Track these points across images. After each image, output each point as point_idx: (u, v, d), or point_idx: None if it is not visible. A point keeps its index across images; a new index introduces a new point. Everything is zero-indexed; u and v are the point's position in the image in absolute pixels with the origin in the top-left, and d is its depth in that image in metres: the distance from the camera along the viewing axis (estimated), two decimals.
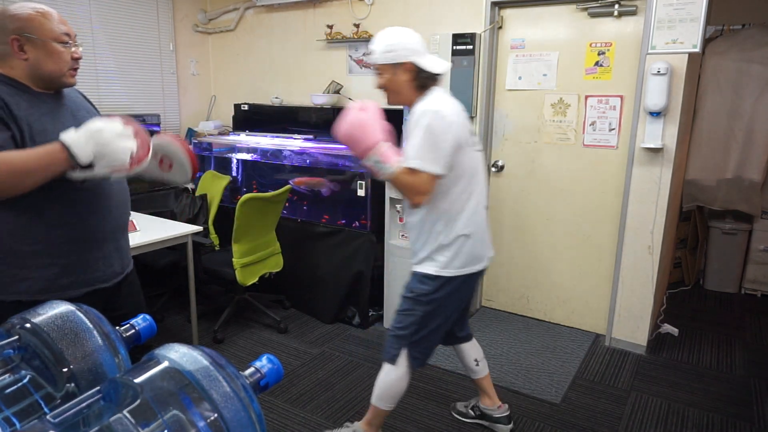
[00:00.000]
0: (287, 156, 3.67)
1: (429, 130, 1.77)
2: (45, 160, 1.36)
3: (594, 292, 3.36)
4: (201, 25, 4.71)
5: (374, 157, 1.77)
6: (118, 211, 1.67)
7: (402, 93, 1.90)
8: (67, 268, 1.54)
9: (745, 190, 3.74)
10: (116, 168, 1.39)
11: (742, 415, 2.56)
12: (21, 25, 1.44)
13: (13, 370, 0.67)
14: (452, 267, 1.93)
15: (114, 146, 1.36)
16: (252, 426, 0.56)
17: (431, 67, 1.87)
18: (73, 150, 1.35)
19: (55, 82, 1.54)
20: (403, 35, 1.87)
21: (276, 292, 3.74)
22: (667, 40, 2.81)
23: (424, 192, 1.79)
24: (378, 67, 1.90)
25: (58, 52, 1.49)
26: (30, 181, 1.38)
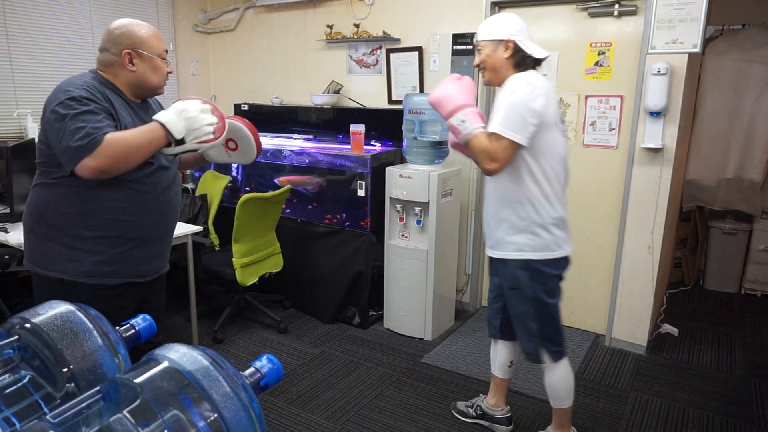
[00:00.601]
0: (287, 156, 3.67)
1: (516, 99, 1.79)
2: (148, 136, 1.54)
3: (594, 292, 3.36)
4: (201, 25, 4.71)
5: (460, 116, 1.81)
6: (171, 218, 1.84)
7: (499, 70, 1.93)
8: (114, 258, 1.67)
9: (745, 190, 3.74)
10: (203, 140, 1.57)
11: (742, 415, 2.56)
12: (135, 42, 1.66)
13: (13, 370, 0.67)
14: (545, 250, 1.94)
15: (199, 120, 1.55)
16: (252, 426, 0.56)
17: (532, 51, 1.91)
18: (169, 127, 1.53)
19: (152, 93, 1.76)
20: (510, 18, 1.95)
21: (276, 292, 3.74)
22: (667, 40, 2.81)
23: (499, 159, 1.79)
24: (479, 44, 1.96)
25: (160, 67, 1.71)
26: (137, 155, 1.55)
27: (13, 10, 3.50)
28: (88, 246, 1.64)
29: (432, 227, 3.15)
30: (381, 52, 3.81)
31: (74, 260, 1.64)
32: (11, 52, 3.52)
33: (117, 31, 1.67)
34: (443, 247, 3.25)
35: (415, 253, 3.21)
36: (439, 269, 3.24)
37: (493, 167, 1.80)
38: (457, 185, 3.33)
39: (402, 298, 3.31)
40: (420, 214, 3.17)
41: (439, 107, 1.89)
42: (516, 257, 1.97)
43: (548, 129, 1.85)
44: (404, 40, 3.71)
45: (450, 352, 3.15)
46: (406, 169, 3.18)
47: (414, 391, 2.73)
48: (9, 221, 2.88)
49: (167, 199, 1.77)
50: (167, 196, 1.77)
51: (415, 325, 3.30)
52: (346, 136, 3.58)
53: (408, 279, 3.26)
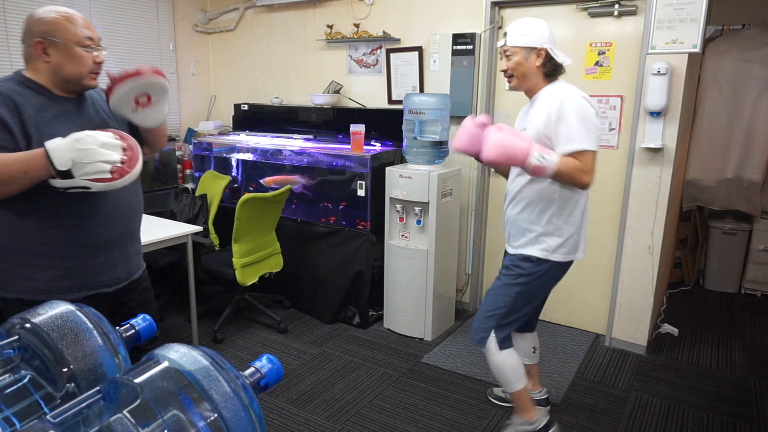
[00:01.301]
0: (287, 156, 3.67)
1: (580, 113, 1.83)
2: (25, 164, 1.37)
3: (594, 292, 3.36)
4: (201, 25, 4.71)
5: (536, 155, 1.80)
6: (126, 217, 1.66)
7: (529, 78, 1.95)
8: (70, 271, 1.55)
9: (745, 190, 3.74)
10: (95, 179, 1.37)
11: (742, 415, 2.56)
12: (46, 29, 1.47)
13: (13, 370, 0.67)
14: (559, 253, 1.98)
15: (93, 154, 1.34)
16: (252, 426, 0.56)
17: (561, 58, 1.94)
18: (51, 155, 1.34)
19: (75, 85, 1.56)
20: (540, 23, 1.96)
21: (276, 292, 3.74)
22: (667, 40, 2.81)
23: (590, 170, 1.84)
24: (510, 50, 1.95)
25: (80, 56, 1.51)
26: (12, 184, 1.39)
27: (13, 10, 3.50)
28: (40, 261, 1.52)
29: (432, 227, 3.15)
30: (381, 52, 3.81)
31: (30, 278, 1.52)
32: (11, 51, 3.53)
33: (31, 19, 1.49)
34: (443, 247, 3.25)
35: (415, 253, 3.21)
36: (439, 269, 3.24)
37: (588, 179, 1.84)
38: (457, 185, 3.33)
39: (402, 298, 3.31)
40: (420, 214, 3.17)
41: (508, 160, 1.82)
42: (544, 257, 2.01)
43: None
44: (404, 40, 3.70)
45: (450, 352, 3.15)
46: (406, 169, 3.18)
47: (414, 391, 2.73)
48: None
49: (116, 199, 1.60)
50: (117, 195, 1.59)
51: (415, 325, 3.30)
52: (346, 136, 3.58)
53: (408, 279, 3.26)
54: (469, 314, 3.68)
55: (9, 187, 1.40)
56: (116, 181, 1.39)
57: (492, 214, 3.64)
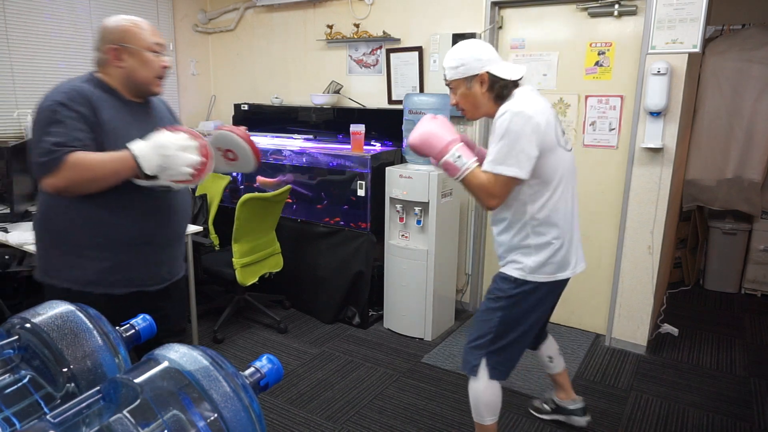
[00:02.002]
0: (287, 156, 3.67)
1: (510, 131, 1.68)
2: (116, 165, 1.47)
3: (594, 292, 3.36)
4: (201, 25, 4.71)
5: (454, 152, 1.74)
6: (178, 222, 1.76)
7: (480, 105, 1.83)
8: (118, 265, 1.63)
9: (745, 190, 3.74)
10: (178, 180, 1.48)
11: (742, 415, 2.56)
12: (119, 36, 1.58)
13: (13, 370, 0.68)
14: (539, 273, 1.84)
15: (177, 159, 1.44)
16: (252, 426, 0.56)
17: (507, 74, 1.78)
18: (140, 161, 1.44)
19: (144, 90, 1.66)
20: (471, 46, 1.81)
21: (276, 292, 3.74)
22: (667, 40, 2.81)
23: (497, 195, 1.73)
24: (452, 84, 1.84)
25: (150, 60, 1.61)
26: (101, 183, 1.49)
27: (13, 10, 3.50)
28: (92, 253, 1.59)
29: (432, 227, 3.15)
30: (381, 52, 3.81)
31: (79, 268, 1.60)
32: (11, 52, 3.52)
33: (105, 28, 1.60)
34: (443, 247, 3.25)
35: (415, 253, 3.21)
36: (439, 269, 3.24)
37: (491, 203, 1.75)
38: (457, 185, 3.33)
39: (402, 298, 3.31)
40: (420, 214, 3.17)
41: (427, 148, 1.78)
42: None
43: (551, 152, 1.76)
44: (404, 40, 3.70)
45: (450, 352, 3.14)
46: (406, 169, 3.18)
47: (414, 391, 2.73)
48: (9, 221, 2.88)
49: (171, 203, 1.70)
50: (171, 200, 1.70)
51: (415, 325, 3.30)
52: (346, 136, 3.58)
53: (408, 279, 3.26)
54: (469, 314, 3.68)
55: (97, 185, 1.49)
56: (195, 180, 1.50)
57: (492, 214, 3.63)
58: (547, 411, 2.45)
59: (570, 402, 2.36)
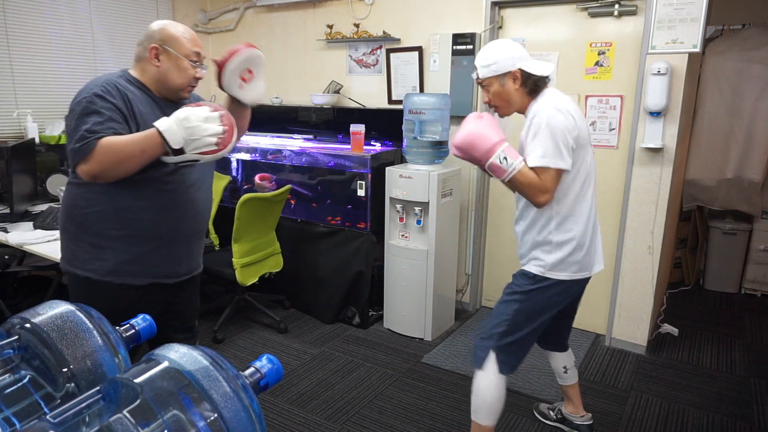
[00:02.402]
0: (287, 156, 3.67)
1: (548, 126, 1.74)
2: (143, 144, 1.50)
3: (594, 292, 3.35)
4: (201, 25, 4.71)
5: (500, 153, 1.75)
6: (197, 218, 1.78)
7: (513, 102, 1.87)
8: (138, 257, 1.67)
9: (745, 190, 3.74)
10: (204, 151, 1.50)
11: (742, 415, 2.56)
12: (164, 37, 1.65)
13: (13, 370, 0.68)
14: (559, 270, 1.87)
15: (200, 130, 1.47)
16: (252, 426, 0.56)
17: (539, 71, 1.84)
18: (166, 136, 1.47)
19: (173, 94, 1.72)
20: (502, 45, 1.86)
21: (276, 292, 3.74)
22: (667, 40, 2.81)
23: (547, 189, 1.76)
24: (485, 82, 1.88)
25: (186, 68, 1.68)
26: (131, 163, 1.52)
27: (13, 10, 3.50)
28: (113, 245, 1.64)
29: (432, 227, 3.15)
30: (381, 52, 3.81)
31: (101, 259, 1.65)
32: (11, 52, 3.52)
33: (153, 27, 1.67)
34: (443, 247, 3.25)
35: (415, 253, 3.21)
36: (439, 269, 3.24)
37: (543, 199, 1.77)
38: (457, 185, 3.33)
39: (402, 298, 3.31)
40: (420, 214, 3.17)
41: (473, 149, 1.79)
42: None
43: (581, 149, 1.82)
44: (404, 40, 3.70)
45: (450, 352, 3.14)
46: (406, 169, 3.18)
47: (414, 391, 2.73)
48: (9, 221, 2.88)
49: (191, 199, 1.73)
50: (191, 196, 1.73)
51: (415, 325, 3.30)
52: (346, 136, 3.58)
53: (408, 279, 3.26)
54: (469, 314, 3.68)
55: (126, 165, 1.52)
56: (221, 151, 1.52)
57: (492, 214, 3.64)
58: (551, 418, 2.44)
59: (577, 417, 2.33)
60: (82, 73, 3.79)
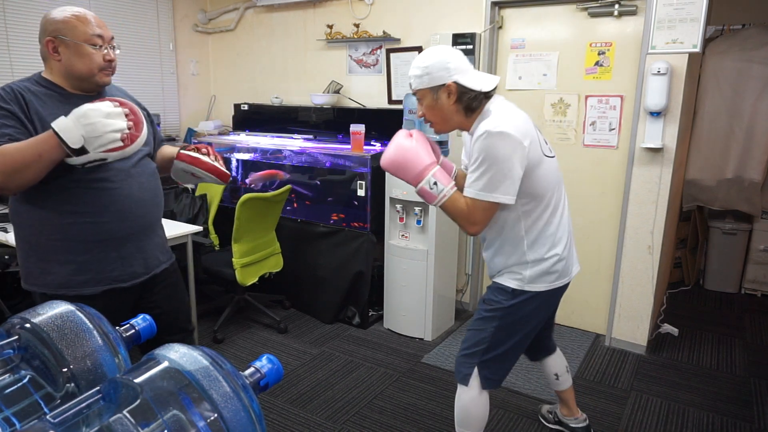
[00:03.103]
0: (287, 156, 3.67)
1: (491, 156, 1.56)
2: (38, 148, 1.38)
3: (594, 292, 3.36)
4: (201, 25, 4.71)
5: (430, 178, 1.63)
6: (137, 212, 1.66)
7: (449, 119, 1.69)
8: (83, 265, 1.59)
9: (745, 190, 3.74)
10: (109, 149, 1.39)
11: (742, 415, 2.56)
12: (56, 28, 1.51)
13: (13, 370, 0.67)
14: (537, 282, 1.76)
15: (102, 127, 1.36)
16: (252, 426, 0.56)
17: (478, 85, 1.64)
18: (62, 135, 1.35)
19: (87, 83, 1.58)
20: (438, 54, 1.65)
21: (276, 292, 3.74)
22: (667, 40, 2.81)
23: (478, 221, 1.63)
24: (418, 94, 1.70)
25: (89, 53, 1.53)
26: (30, 170, 1.40)
27: (13, 10, 3.50)
28: (56, 256, 1.57)
29: (432, 227, 3.15)
30: (381, 52, 3.81)
31: (50, 273, 1.58)
32: (11, 52, 3.52)
33: (45, 19, 1.53)
34: (443, 247, 3.25)
35: (415, 253, 3.21)
36: (439, 269, 3.24)
37: (473, 230, 1.65)
38: None
39: (402, 298, 3.31)
40: (420, 214, 3.17)
41: (402, 171, 1.67)
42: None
43: (536, 168, 1.66)
44: (404, 40, 3.70)
45: (450, 352, 3.14)
46: None
47: (414, 391, 2.73)
48: (9, 221, 2.88)
49: (126, 193, 1.61)
50: (126, 190, 1.61)
51: (415, 325, 3.30)
52: (346, 136, 3.58)
53: (408, 279, 3.26)
54: (469, 314, 3.68)
55: (27, 173, 1.40)
56: (128, 147, 1.42)
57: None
58: (551, 420, 2.43)
59: (572, 420, 2.31)
60: None
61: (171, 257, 1.86)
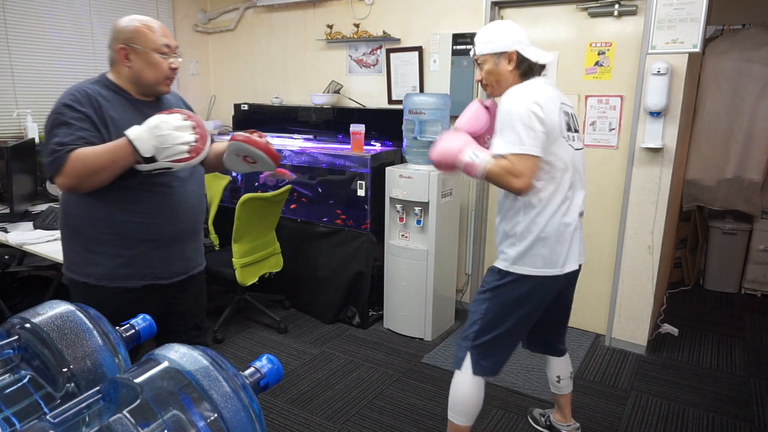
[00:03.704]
0: (287, 156, 3.67)
1: (510, 114, 1.71)
2: (113, 154, 1.49)
3: (594, 292, 3.36)
4: (201, 25, 4.71)
5: (469, 153, 1.75)
6: (186, 217, 1.76)
7: (504, 83, 1.84)
8: (131, 260, 1.68)
9: (745, 190, 3.74)
10: (176, 159, 1.49)
11: (742, 415, 2.56)
12: (128, 36, 1.61)
13: (13, 370, 0.68)
14: (522, 264, 1.82)
15: (172, 139, 1.46)
16: (252, 426, 0.56)
17: (535, 57, 1.83)
18: (136, 144, 1.45)
19: (151, 90, 1.69)
20: (504, 26, 1.86)
21: (276, 292, 3.74)
22: (667, 40, 2.81)
23: (521, 173, 1.69)
24: (480, 59, 1.87)
25: (158, 62, 1.63)
26: (103, 174, 1.51)
27: (13, 10, 3.50)
28: (105, 249, 1.65)
29: (432, 227, 3.15)
30: (381, 52, 3.81)
31: (95, 263, 1.66)
32: (11, 52, 3.52)
33: (116, 27, 1.64)
34: (443, 247, 3.25)
35: (415, 253, 3.21)
36: (439, 269, 3.24)
37: (518, 183, 1.70)
38: (457, 185, 3.33)
39: (402, 298, 3.31)
40: (420, 214, 3.17)
41: (446, 157, 1.81)
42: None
43: (553, 140, 1.75)
44: (404, 40, 3.70)
45: (450, 352, 3.14)
46: (406, 169, 3.18)
47: (414, 391, 2.73)
48: (9, 221, 2.88)
49: (179, 199, 1.72)
50: (179, 196, 1.72)
51: (415, 325, 3.30)
52: (346, 136, 3.58)
53: (408, 279, 3.26)
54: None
55: (100, 176, 1.51)
56: (194, 159, 1.51)
57: (492, 214, 3.63)
58: (541, 424, 2.41)
59: (565, 426, 2.30)
60: (82, 73, 3.78)
61: (204, 261, 1.95)
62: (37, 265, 3.14)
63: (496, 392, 2.70)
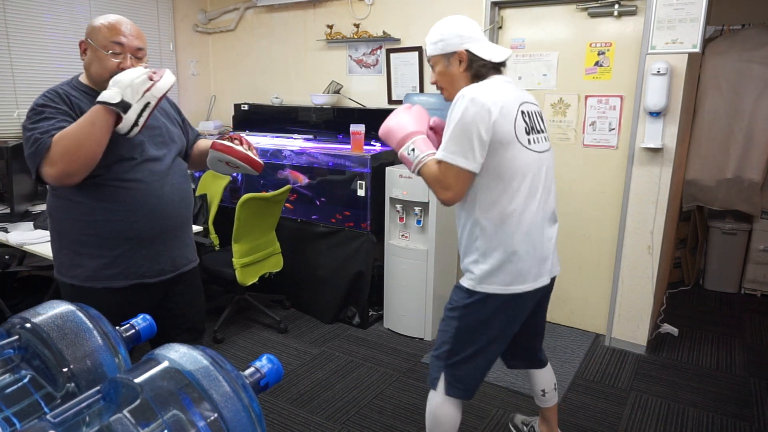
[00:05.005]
0: (287, 156, 3.67)
1: (460, 119, 1.57)
2: (89, 118, 1.50)
3: (594, 292, 3.36)
4: (201, 25, 4.71)
5: (410, 144, 1.68)
6: (168, 212, 1.73)
7: (457, 85, 1.69)
8: (114, 260, 1.67)
9: (745, 190, 3.74)
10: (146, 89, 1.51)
11: (742, 415, 2.56)
12: (88, 32, 1.64)
13: (13, 370, 0.68)
14: (489, 283, 1.68)
15: (127, 77, 1.50)
16: (252, 426, 0.56)
17: (488, 55, 1.66)
18: (102, 98, 1.48)
19: (102, 87, 1.65)
20: (453, 22, 1.70)
21: (276, 292, 3.74)
22: (667, 40, 2.81)
23: (450, 186, 1.60)
24: (431, 61, 1.75)
25: (103, 58, 1.62)
26: (89, 143, 1.49)
27: (13, 10, 3.50)
28: (88, 250, 1.65)
29: (432, 227, 3.15)
30: (381, 52, 3.81)
31: (80, 265, 1.65)
32: (11, 51, 3.52)
33: (89, 23, 1.67)
34: (443, 247, 3.25)
35: (415, 253, 3.21)
36: (439, 269, 3.24)
37: (445, 196, 1.61)
38: None
39: (402, 298, 3.31)
40: (420, 214, 3.17)
41: (389, 139, 1.74)
42: None
43: (504, 147, 1.60)
44: (404, 40, 3.71)
45: None
46: (406, 169, 3.18)
47: (414, 391, 2.73)
48: (9, 221, 2.88)
49: (158, 195, 1.68)
50: (158, 191, 1.68)
51: (415, 325, 3.30)
52: (346, 136, 3.58)
53: (408, 279, 3.26)
54: None
55: (86, 145, 1.49)
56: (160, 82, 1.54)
57: None
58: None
59: None
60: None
61: (197, 258, 1.93)
62: (37, 265, 3.14)
63: (496, 392, 2.71)
